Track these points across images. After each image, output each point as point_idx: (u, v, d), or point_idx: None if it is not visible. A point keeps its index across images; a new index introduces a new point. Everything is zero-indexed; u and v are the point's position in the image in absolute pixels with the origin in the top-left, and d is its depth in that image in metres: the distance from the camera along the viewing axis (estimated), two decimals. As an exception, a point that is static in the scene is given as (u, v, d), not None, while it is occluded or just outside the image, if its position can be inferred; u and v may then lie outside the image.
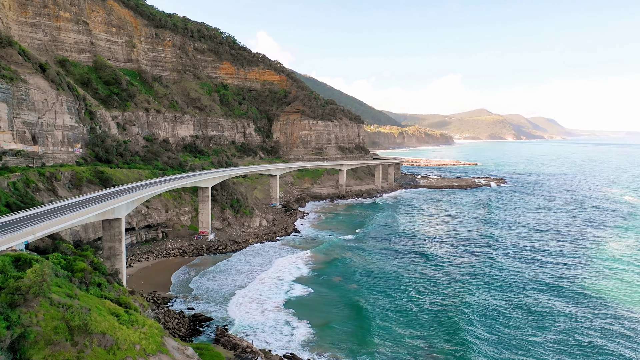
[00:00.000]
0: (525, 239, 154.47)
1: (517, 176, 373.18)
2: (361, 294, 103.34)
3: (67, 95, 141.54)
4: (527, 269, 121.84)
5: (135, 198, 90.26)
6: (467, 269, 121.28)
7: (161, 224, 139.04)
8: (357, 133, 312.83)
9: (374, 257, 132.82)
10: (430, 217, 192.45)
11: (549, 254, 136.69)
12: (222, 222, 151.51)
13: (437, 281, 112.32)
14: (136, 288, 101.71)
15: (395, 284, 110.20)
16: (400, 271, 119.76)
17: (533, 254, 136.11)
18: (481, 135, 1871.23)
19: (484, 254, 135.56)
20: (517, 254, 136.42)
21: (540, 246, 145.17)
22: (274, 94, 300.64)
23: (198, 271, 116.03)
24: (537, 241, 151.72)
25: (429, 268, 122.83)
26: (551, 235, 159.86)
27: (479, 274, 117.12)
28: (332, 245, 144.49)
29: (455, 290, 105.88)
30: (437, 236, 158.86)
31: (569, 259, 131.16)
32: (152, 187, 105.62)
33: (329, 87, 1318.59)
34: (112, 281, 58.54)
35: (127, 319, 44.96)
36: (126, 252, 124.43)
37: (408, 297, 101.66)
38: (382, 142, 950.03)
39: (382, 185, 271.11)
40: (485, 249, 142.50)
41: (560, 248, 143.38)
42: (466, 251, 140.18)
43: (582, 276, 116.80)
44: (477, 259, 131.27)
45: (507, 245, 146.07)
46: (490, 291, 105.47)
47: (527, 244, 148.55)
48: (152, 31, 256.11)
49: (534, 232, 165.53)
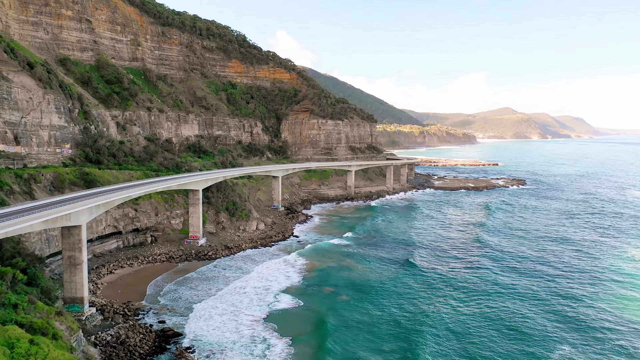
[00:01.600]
0: (534, 250, 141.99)
1: (537, 177, 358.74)
2: (350, 307, 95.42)
3: (56, 94, 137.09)
4: (529, 286, 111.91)
5: (101, 203, 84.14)
6: (462, 282, 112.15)
7: (150, 228, 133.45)
8: (370, 132, 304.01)
9: (371, 265, 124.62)
10: (438, 222, 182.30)
11: (557, 267, 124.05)
12: (216, 226, 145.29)
13: (432, 294, 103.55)
14: (111, 297, 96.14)
15: (387, 295, 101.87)
16: (395, 281, 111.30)
17: (539, 268, 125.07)
18: (505, 135, 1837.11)
19: (488, 269, 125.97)
20: (522, 268, 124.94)
21: (549, 258, 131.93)
22: (284, 92, 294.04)
23: (180, 279, 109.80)
24: (547, 253, 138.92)
25: (423, 279, 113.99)
26: (563, 246, 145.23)
27: (472, 289, 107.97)
28: (329, 252, 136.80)
29: (444, 305, 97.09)
30: (440, 244, 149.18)
31: (580, 275, 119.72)
32: (127, 190, 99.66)
33: (349, 86, 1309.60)
34: (35, 301, 52.03)
35: (24, 352, 38.23)
36: (111, 256, 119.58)
37: (399, 309, 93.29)
38: (402, 142, 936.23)
39: (394, 187, 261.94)
40: (493, 262, 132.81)
41: (572, 262, 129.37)
42: (467, 263, 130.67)
43: (594, 297, 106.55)
44: (478, 276, 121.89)
45: (515, 259, 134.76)
46: (490, 307, 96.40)
47: (535, 256, 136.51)
48: (159, 29, 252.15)
49: (546, 241, 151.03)
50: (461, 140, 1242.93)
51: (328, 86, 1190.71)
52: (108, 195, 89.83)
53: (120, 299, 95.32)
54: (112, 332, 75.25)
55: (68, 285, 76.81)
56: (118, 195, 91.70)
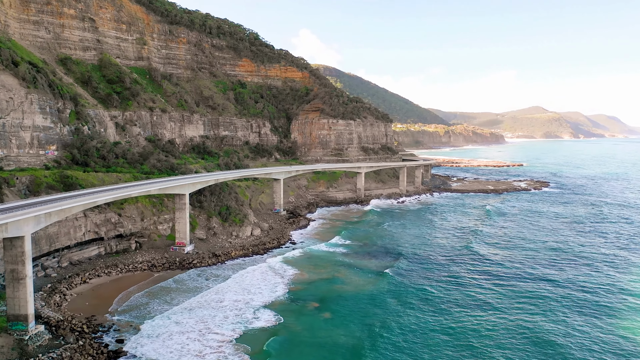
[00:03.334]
0: (545, 268, 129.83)
1: (563, 179, 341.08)
2: (331, 326, 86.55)
3: (42, 93, 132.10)
4: (531, 308, 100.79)
5: (53, 210, 77.32)
6: (461, 305, 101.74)
7: (135, 234, 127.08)
8: (384, 132, 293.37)
9: (365, 277, 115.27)
10: (446, 231, 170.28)
11: (570, 288, 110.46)
12: (206, 232, 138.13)
13: (424, 316, 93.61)
14: (77, 310, 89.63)
15: (375, 313, 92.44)
16: (386, 297, 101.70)
17: (552, 290, 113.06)
18: (535, 134, 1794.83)
19: (494, 291, 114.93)
20: (529, 289, 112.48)
21: (558, 276, 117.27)
22: (295, 91, 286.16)
23: (157, 290, 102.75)
24: (560, 272, 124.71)
25: (417, 296, 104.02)
26: (580, 264, 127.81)
27: (473, 312, 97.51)
28: (323, 260, 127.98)
29: (440, 335, 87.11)
30: (442, 256, 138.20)
31: (598, 298, 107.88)
32: (93, 195, 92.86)
33: (373, 85, 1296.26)
34: None
35: None
36: (89, 264, 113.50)
37: (384, 329, 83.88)
38: (426, 142, 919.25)
39: (407, 189, 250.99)
40: (499, 282, 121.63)
41: (586, 282, 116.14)
42: (469, 282, 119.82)
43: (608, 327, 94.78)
44: (479, 297, 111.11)
45: (523, 279, 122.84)
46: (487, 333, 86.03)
47: (546, 275, 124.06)
48: (166, 28, 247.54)
49: (560, 258, 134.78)
50: (488, 140, 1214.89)
51: (352, 86, 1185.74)
52: (65, 201, 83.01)
53: (85, 313, 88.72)
54: (54, 355, 68.28)
55: (11, 302, 70.34)
56: (77, 202, 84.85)
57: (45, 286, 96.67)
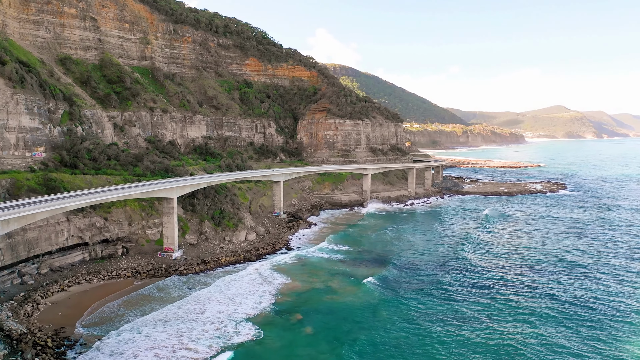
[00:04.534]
0: (546, 279, 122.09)
1: (581, 181, 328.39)
2: (311, 343, 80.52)
3: (30, 93, 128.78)
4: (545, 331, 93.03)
5: (11, 217, 72.70)
6: (458, 325, 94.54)
7: (122, 239, 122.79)
8: (395, 133, 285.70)
9: (359, 287, 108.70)
10: (448, 238, 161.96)
11: (568, 304, 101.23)
12: (198, 237, 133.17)
13: (414, 328, 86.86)
14: (47, 322, 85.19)
15: (361, 328, 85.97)
16: (377, 310, 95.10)
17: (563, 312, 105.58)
18: (557, 134, 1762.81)
19: (494, 309, 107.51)
20: (531, 306, 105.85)
21: (561, 292, 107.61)
22: (303, 91, 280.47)
23: (136, 299, 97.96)
24: (560, 283, 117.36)
25: (410, 310, 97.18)
26: (586, 275, 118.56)
27: (471, 334, 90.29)
28: (317, 268, 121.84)
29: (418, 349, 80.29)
30: (441, 266, 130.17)
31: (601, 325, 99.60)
32: (64, 200, 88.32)
33: (390, 84, 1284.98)
34: None
35: None
36: (71, 271, 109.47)
37: (368, 347, 77.48)
38: (444, 142, 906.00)
39: (417, 191, 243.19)
40: (499, 298, 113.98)
41: (592, 301, 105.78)
42: (467, 296, 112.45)
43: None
44: (476, 314, 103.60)
45: (523, 294, 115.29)
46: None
47: (555, 292, 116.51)
48: (170, 27, 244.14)
49: (563, 267, 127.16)
50: (507, 140, 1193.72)
51: (368, 85, 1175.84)
52: (27, 207, 78.48)
53: (55, 324, 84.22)
54: (3, 375, 63.63)
55: (-37, 316, 65.88)
56: (42, 208, 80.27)
57: (18, 295, 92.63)
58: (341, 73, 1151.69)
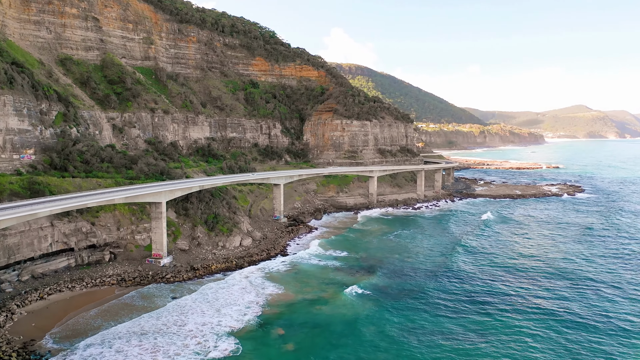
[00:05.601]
0: (547, 293, 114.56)
1: (600, 183, 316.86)
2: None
3: (19, 94, 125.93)
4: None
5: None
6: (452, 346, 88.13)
7: (110, 244, 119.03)
8: (404, 134, 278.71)
9: (351, 299, 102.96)
10: (451, 245, 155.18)
11: (568, 324, 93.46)
12: (190, 242, 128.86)
13: (403, 346, 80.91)
14: (18, 333, 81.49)
15: (346, 344, 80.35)
16: (367, 323, 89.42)
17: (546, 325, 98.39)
18: (578, 134, 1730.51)
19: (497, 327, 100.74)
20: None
21: (563, 309, 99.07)
22: (310, 91, 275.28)
23: (115, 309, 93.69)
24: (564, 299, 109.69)
25: (400, 323, 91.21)
26: (595, 291, 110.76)
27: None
28: (311, 277, 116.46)
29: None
30: (441, 277, 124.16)
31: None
32: (36, 206, 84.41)
33: (406, 84, 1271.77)
34: None
35: None
36: (53, 278, 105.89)
37: None
38: (460, 142, 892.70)
39: (425, 194, 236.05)
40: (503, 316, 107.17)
41: (596, 319, 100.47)
42: (463, 311, 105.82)
43: None
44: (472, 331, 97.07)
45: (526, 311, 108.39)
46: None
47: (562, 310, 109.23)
48: (175, 27, 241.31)
49: (570, 279, 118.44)
50: (526, 140, 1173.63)
51: (384, 85, 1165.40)
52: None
53: (26, 336, 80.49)
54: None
55: None
56: (9, 215, 76.33)
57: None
58: (357, 73, 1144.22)
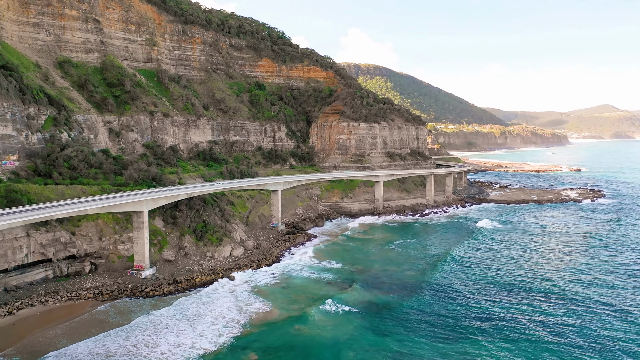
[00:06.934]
0: (548, 314, 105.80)
1: (623, 187, 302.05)
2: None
3: (3, 99, 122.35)
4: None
5: None
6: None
7: (91, 254, 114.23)
8: (416, 136, 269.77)
9: (338, 317, 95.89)
10: (455, 258, 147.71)
11: None
12: (176, 252, 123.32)
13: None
14: (-24, 354, 76.72)
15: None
16: (351, 345, 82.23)
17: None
18: (604, 134, 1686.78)
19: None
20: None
21: (563, 336, 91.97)
22: (318, 92, 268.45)
23: (84, 327, 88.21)
24: (565, 324, 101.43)
25: (390, 348, 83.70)
26: (596, 315, 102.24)
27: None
28: (300, 291, 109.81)
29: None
30: (440, 296, 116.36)
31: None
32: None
33: (426, 84, 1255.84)
34: None
35: None
36: (27, 291, 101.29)
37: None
38: (480, 143, 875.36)
39: (435, 200, 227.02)
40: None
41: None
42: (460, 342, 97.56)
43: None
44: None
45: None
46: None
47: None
48: (179, 28, 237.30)
49: (574, 302, 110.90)
50: (549, 141, 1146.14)
51: (403, 85, 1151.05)
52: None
53: (-17, 358, 75.59)
54: None
55: None
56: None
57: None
58: (375, 73, 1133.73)
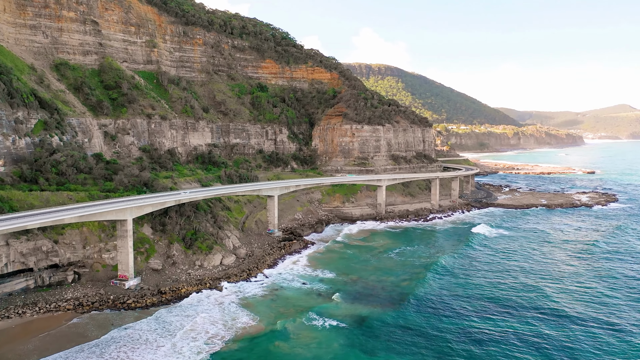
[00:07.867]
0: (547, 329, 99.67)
1: (638, 191, 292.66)
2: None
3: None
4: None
5: None
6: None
7: (75, 263, 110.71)
8: (422, 138, 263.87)
9: (328, 333, 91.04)
10: (455, 270, 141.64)
11: None
12: (164, 261, 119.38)
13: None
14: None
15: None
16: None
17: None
18: (621, 135, 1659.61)
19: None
20: None
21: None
22: (322, 94, 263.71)
23: (57, 342, 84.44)
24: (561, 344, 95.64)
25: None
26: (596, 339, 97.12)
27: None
28: (290, 304, 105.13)
29: None
30: (437, 303, 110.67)
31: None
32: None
33: (438, 84, 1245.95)
34: None
35: None
36: (4, 302, 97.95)
37: None
38: (493, 144, 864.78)
39: (441, 204, 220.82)
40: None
41: None
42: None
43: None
44: None
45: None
46: None
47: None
48: (180, 29, 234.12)
49: (574, 316, 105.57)
50: (564, 142, 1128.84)
51: (414, 85, 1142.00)
52: None
53: (-55, 377, 72.12)
54: None
55: None
56: None
57: None
58: (386, 74, 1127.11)
